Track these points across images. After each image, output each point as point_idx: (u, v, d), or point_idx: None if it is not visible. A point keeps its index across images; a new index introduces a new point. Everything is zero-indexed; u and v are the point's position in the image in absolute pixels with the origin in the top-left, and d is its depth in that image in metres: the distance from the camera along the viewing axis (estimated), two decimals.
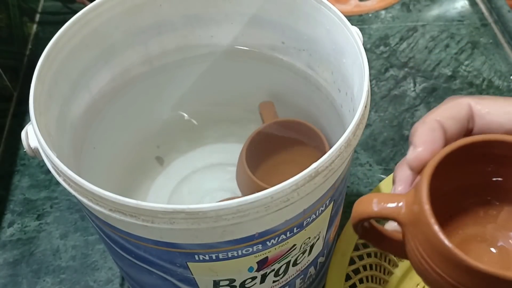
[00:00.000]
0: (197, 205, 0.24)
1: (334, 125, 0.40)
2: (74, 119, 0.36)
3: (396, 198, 0.26)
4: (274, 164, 0.46)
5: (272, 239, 0.28)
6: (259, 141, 0.44)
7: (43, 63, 0.31)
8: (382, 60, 0.62)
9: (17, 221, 0.49)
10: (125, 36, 0.37)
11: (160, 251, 0.28)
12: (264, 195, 0.24)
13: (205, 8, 0.39)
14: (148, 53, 0.40)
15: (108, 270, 0.46)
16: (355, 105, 0.32)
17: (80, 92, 0.36)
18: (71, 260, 0.46)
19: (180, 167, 0.48)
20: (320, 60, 0.38)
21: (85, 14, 0.34)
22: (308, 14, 0.36)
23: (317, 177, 0.26)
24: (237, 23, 0.40)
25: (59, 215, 0.49)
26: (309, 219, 0.29)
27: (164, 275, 0.31)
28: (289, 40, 0.39)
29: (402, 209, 0.25)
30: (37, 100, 0.30)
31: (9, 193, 0.51)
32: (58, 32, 0.32)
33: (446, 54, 0.63)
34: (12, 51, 0.60)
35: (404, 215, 0.25)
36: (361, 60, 0.31)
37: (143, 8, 0.37)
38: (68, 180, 0.27)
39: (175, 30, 0.39)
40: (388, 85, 0.60)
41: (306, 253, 0.33)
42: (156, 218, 0.25)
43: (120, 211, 0.25)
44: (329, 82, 0.38)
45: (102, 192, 0.25)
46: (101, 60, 0.37)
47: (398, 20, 0.67)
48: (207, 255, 0.28)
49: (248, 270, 0.30)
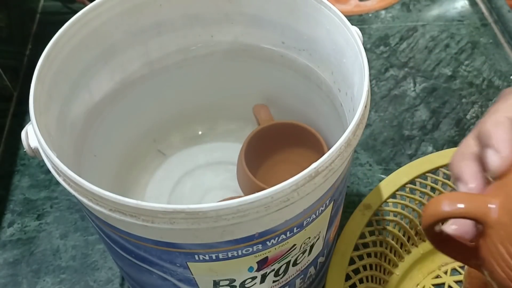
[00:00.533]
0: (197, 205, 0.24)
1: (334, 125, 0.40)
2: (74, 119, 0.36)
3: (482, 198, 0.24)
4: (273, 163, 0.46)
5: (272, 239, 0.28)
6: (258, 141, 0.44)
7: (43, 63, 0.31)
8: (382, 60, 0.62)
9: (17, 221, 0.49)
10: (125, 36, 0.37)
11: (160, 251, 0.28)
12: (264, 195, 0.24)
13: (205, 8, 0.39)
14: (148, 53, 0.40)
15: (108, 270, 0.46)
16: (355, 105, 0.32)
17: (80, 92, 0.36)
18: (71, 260, 0.46)
19: (180, 165, 0.48)
20: (320, 60, 0.38)
21: (85, 14, 0.34)
22: (308, 14, 0.36)
23: (317, 177, 0.26)
24: (237, 23, 0.40)
25: (59, 215, 0.49)
26: (309, 219, 0.29)
27: (164, 275, 0.31)
28: (289, 40, 0.39)
29: (492, 210, 0.23)
30: (37, 100, 0.30)
31: (9, 193, 0.51)
32: (58, 32, 0.32)
33: (446, 54, 0.63)
34: (12, 51, 0.60)
35: (495, 216, 0.23)
36: (361, 60, 0.31)
37: (143, 8, 0.37)
38: (68, 180, 0.27)
39: (175, 30, 0.39)
40: (388, 85, 0.60)
41: (306, 253, 0.33)
42: (156, 218, 0.25)
43: (120, 211, 0.25)
44: (329, 82, 0.38)
45: (102, 192, 0.25)
46: (101, 60, 0.37)
47: (398, 20, 0.67)
48: (207, 255, 0.28)
49: (248, 270, 0.30)
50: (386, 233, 0.44)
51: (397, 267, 0.44)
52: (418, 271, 0.45)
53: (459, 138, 0.55)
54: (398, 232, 0.44)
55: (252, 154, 0.43)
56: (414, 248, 0.46)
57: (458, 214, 0.24)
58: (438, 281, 0.45)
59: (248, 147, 0.43)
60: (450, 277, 0.45)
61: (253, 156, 0.43)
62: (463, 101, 0.58)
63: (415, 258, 0.45)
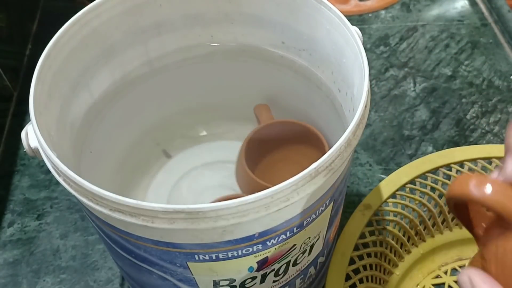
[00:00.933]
0: (197, 205, 0.24)
1: (334, 125, 0.40)
2: (74, 119, 0.36)
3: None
4: (273, 162, 0.46)
5: (272, 239, 0.28)
6: (258, 140, 0.44)
7: (43, 63, 0.31)
8: (382, 60, 0.62)
9: (17, 221, 0.49)
10: (125, 36, 0.37)
11: (160, 251, 0.28)
12: (264, 195, 0.24)
13: (205, 8, 0.39)
14: (148, 53, 0.40)
15: (108, 270, 0.46)
16: (355, 105, 0.32)
17: (80, 92, 0.36)
18: (71, 260, 0.46)
19: (179, 164, 0.48)
20: (320, 60, 0.38)
21: (85, 14, 0.34)
22: (308, 14, 0.36)
23: (317, 177, 0.26)
24: (237, 22, 0.40)
25: (59, 215, 0.49)
26: (309, 219, 0.29)
27: (164, 275, 0.31)
28: (289, 40, 0.39)
29: None
30: (37, 100, 0.30)
31: (9, 193, 0.51)
32: (58, 32, 0.32)
33: (446, 54, 0.63)
34: (12, 51, 0.60)
35: None
36: (361, 60, 0.31)
37: (143, 8, 0.37)
38: (68, 180, 0.27)
39: (175, 30, 0.39)
40: (388, 85, 0.60)
41: (306, 253, 0.33)
42: (156, 218, 0.25)
43: (120, 211, 0.25)
44: (329, 82, 0.38)
45: (102, 192, 0.25)
46: (101, 60, 0.37)
47: (398, 20, 0.67)
48: (207, 255, 0.28)
49: (248, 270, 0.30)
50: (386, 233, 0.44)
51: (397, 267, 0.44)
52: (418, 271, 0.45)
53: (459, 138, 0.55)
54: (398, 232, 0.44)
55: (252, 153, 0.43)
56: (414, 248, 0.46)
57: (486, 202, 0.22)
58: (438, 281, 0.45)
59: (248, 146, 0.43)
60: (450, 277, 0.45)
61: (253, 154, 0.43)
62: (463, 101, 0.58)
63: (415, 258, 0.45)
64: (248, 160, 0.42)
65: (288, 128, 0.44)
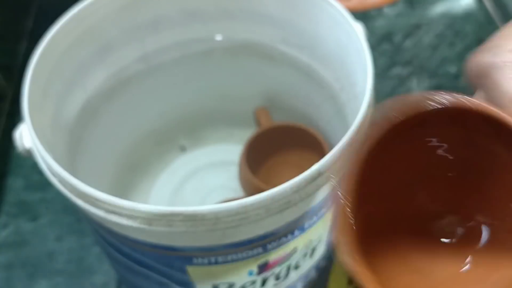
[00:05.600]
0: (196, 207, 0.24)
1: (335, 125, 0.40)
2: (69, 118, 0.36)
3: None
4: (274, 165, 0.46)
5: (273, 242, 0.28)
6: (259, 143, 0.44)
7: (38, 61, 0.31)
8: (386, 58, 0.62)
9: (11, 223, 0.49)
10: (121, 33, 0.37)
11: (157, 254, 0.28)
12: (265, 197, 0.24)
13: (204, 4, 0.38)
14: (145, 51, 0.40)
15: (104, 273, 0.46)
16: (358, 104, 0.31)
17: (75, 91, 0.36)
18: (67, 263, 0.46)
19: (181, 165, 0.48)
20: (323, 57, 0.38)
21: (81, 11, 0.34)
22: (309, 10, 0.36)
23: (319, 178, 0.26)
24: (237, 18, 0.39)
25: (54, 217, 0.49)
26: (311, 221, 0.29)
27: (162, 278, 0.31)
28: (290, 36, 0.39)
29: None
30: (31, 99, 0.30)
31: (3, 194, 0.51)
32: (53, 29, 0.33)
33: (451, 52, 0.63)
34: (6, 48, 0.60)
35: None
36: (365, 58, 0.31)
37: (140, 4, 0.37)
38: (63, 181, 0.27)
39: (173, 27, 0.39)
40: (392, 84, 0.60)
41: (308, 256, 0.33)
42: (154, 220, 0.24)
43: (116, 213, 0.25)
44: (331, 80, 0.38)
45: (97, 194, 0.25)
46: (97, 58, 0.37)
47: (401, 17, 0.67)
48: (206, 258, 0.28)
49: (248, 273, 0.30)
50: None
51: None
52: None
53: None
54: None
55: (254, 156, 0.44)
56: None
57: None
58: None
59: (249, 148, 0.43)
60: None
61: (254, 157, 0.44)
62: None
63: None
64: (249, 163, 0.43)
65: (289, 131, 0.45)
